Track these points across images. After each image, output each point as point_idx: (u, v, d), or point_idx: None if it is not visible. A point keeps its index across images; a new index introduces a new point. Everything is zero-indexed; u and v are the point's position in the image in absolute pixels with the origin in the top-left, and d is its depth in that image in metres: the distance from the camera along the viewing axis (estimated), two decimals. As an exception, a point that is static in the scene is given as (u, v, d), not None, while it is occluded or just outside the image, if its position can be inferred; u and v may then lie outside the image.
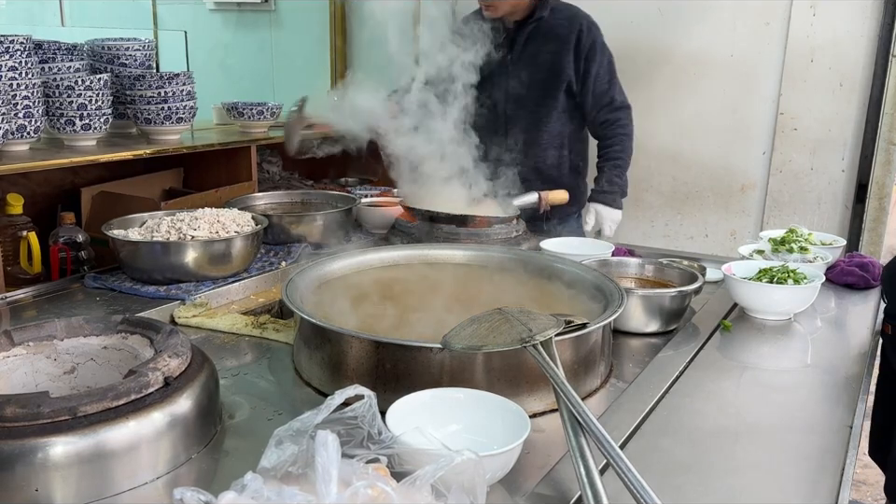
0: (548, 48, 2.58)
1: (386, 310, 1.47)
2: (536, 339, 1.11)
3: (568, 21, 2.58)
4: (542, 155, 2.66)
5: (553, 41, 2.57)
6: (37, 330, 1.17)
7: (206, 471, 1.03)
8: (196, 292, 1.72)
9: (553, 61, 2.58)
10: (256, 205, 2.30)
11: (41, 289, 1.78)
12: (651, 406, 1.22)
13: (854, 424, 1.18)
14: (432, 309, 1.45)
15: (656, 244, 2.98)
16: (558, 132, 2.66)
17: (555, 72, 2.58)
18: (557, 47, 2.57)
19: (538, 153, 2.65)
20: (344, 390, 0.89)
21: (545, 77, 2.60)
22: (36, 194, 2.10)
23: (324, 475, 0.74)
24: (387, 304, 1.50)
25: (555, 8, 2.59)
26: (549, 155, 2.67)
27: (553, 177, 2.67)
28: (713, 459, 1.07)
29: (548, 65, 2.58)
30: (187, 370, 1.08)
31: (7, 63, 1.90)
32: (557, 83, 2.59)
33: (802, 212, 3.09)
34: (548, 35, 2.57)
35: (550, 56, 2.58)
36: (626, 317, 1.56)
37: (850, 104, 2.94)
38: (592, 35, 2.57)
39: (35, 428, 0.91)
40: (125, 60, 2.36)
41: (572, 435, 0.95)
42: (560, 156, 2.69)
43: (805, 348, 1.56)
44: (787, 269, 1.66)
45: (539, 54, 2.59)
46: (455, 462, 0.80)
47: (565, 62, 2.57)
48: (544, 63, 2.59)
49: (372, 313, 1.45)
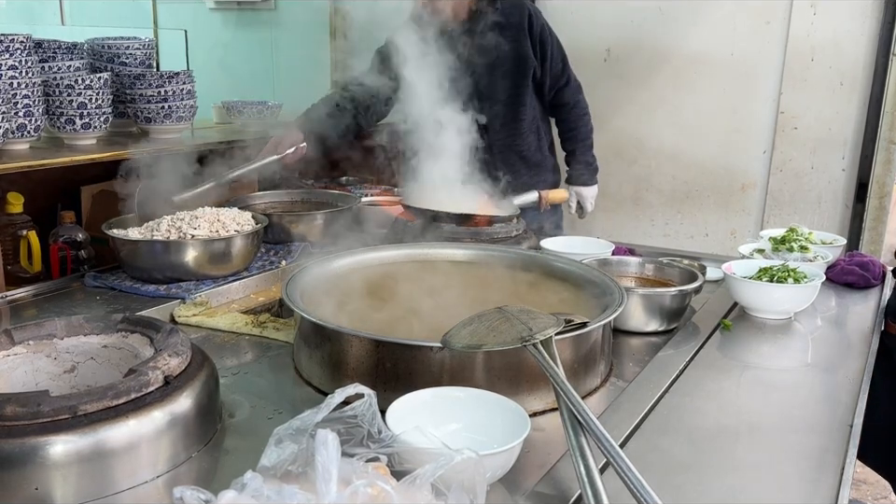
0: (506, 36, 2.58)
1: (386, 309, 1.47)
2: (536, 338, 1.11)
3: (516, 8, 2.59)
4: (524, 143, 2.70)
5: (509, 29, 2.57)
6: (37, 329, 1.17)
7: (206, 470, 1.03)
8: (196, 291, 1.72)
9: (515, 48, 2.59)
10: (256, 204, 2.31)
11: (41, 288, 1.78)
12: (651, 405, 1.21)
13: (854, 423, 1.18)
14: (432, 308, 1.45)
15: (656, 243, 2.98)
16: (533, 116, 2.70)
17: (520, 59, 2.60)
18: (515, 34, 2.58)
19: (520, 142, 2.69)
20: (344, 389, 0.89)
21: (511, 66, 2.61)
22: (36, 193, 2.09)
23: (324, 474, 0.74)
24: (387, 303, 1.50)
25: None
26: (530, 141, 2.71)
27: (537, 161, 2.74)
28: (713, 458, 1.07)
29: (512, 54, 2.59)
30: (187, 368, 1.08)
31: (8, 62, 1.90)
32: (524, 70, 2.61)
33: (802, 211, 3.08)
34: (501, 25, 2.57)
35: (512, 44, 2.58)
36: (626, 316, 1.56)
37: (851, 103, 2.94)
38: (540, 19, 2.62)
39: (35, 427, 0.91)
40: (125, 59, 2.36)
41: (572, 434, 0.95)
42: (539, 139, 2.74)
43: (805, 347, 1.56)
44: (787, 268, 1.66)
45: (500, 45, 2.58)
46: (455, 461, 0.80)
47: (525, 47, 2.59)
48: (507, 52, 2.59)
49: (372, 311, 1.45)
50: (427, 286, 1.60)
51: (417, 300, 1.50)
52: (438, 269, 1.71)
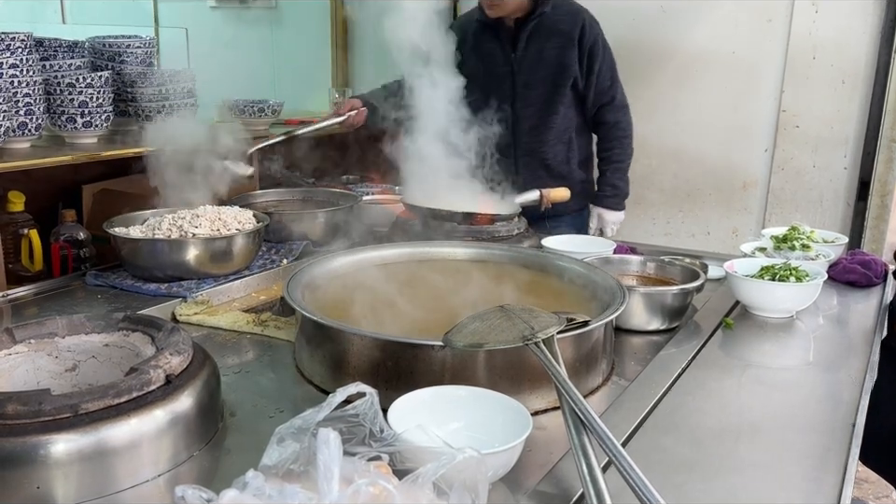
0: (552, 43, 2.57)
1: (388, 307, 1.46)
2: (538, 336, 1.11)
3: (571, 16, 2.58)
4: (551, 151, 2.67)
5: (557, 36, 2.57)
6: (39, 328, 1.17)
7: (208, 469, 1.03)
8: (197, 290, 1.72)
9: (558, 56, 2.57)
10: (257, 203, 2.30)
11: (42, 287, 1.78)
12: (653, 404, 1.21)
13: (857, 422, 1.17)
14: (434, 306, 1.44)
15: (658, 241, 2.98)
16: (565, 127, 2.66)
17: (562, 68, 2.58)
18: (562, 42, 2.56)
19: (545, 149, 2.66)
20: (346, 388, 0.89)
21: (551, 73, 2.59)
22: (38, 192, 2.09)
23: (326, 473, 0.74)
24: (389, 302, 1.49)
25: (556, 4, 2.59)
26: (557, 151, 2.68)
27: (562, 173, 2.69)
28: (715, 457, 1.07)
29: (554, 61, 2.58)
30: (188, 367, 1.08)
31: (9, 61, 1.90)
32: (564, 79, 2.59)
33: (804, 209, 3.08)
34: (551, 31, 2.57)
35: (555, 52, 2.57)
36: (628, 315, 1.56)
37: (852, 101, 2.93)
38: (594, 32, 2.58)
39: (36, 426, 0.91)
40: (126, 57, 2.36)
41: (574, 433, 0.95)
42: (568, 151, 2.70)
43: (807, 346, 1.55)
44: (789, 266, 1.65)
45: (544, 50, 2.58)
46: (458, 460, 0.80)
47: (570, 57, 2.56)
48: (550, 59, 2.58)
49: (374, 310, 1.45)
50: (428, 284, 1.60)
51: (418, 298, 1.50)
52: (439, 267, 1.71)
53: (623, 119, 2.66)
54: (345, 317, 1.35)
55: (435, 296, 1.51)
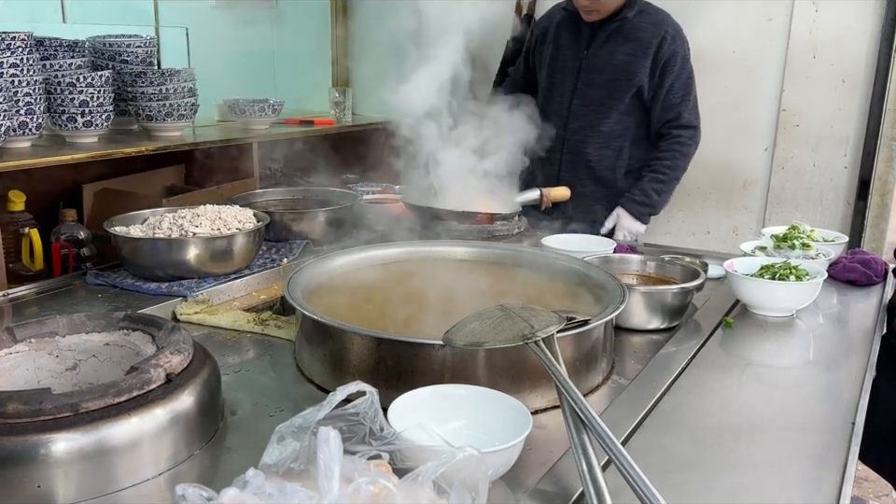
0: (626, 48, 2.52)
1: (388, 306, 1.47)
2: (538, 335, 1.11)
3: (654, 25, 2.52)
4: (596, 154, 2.61)
5: (633, 42, 2.51)
6: (39, 327, 1.17)
7: (208, 468, 1.03)
8: (198, 289, 1.72)
9: (628, 62, 2.52)
10: (257, 202, 2.30)
11: (43, 286, 1.78)
12: (653, 403, 1.21)
13: (856, 420, 1.17)
14: (434, 305, 1.45)
15: (657, 240, 2.97)
16: (618, 133, 2.60)
17: (628, 74, 2.53)
18: (636, 49, 2.51)
19: (591, 151, 2.61)
20: (346, 386, 0.89)
21: (616, 76, 2.54)
22: (38, 191, 2.10)
23: (326, 471, 0.74)
24: (389, 301, 1.50)
25: (643, 11, 2.54)
26: (603, 155, 2.61)
27: (605, 179, 2.63)
28: (715, 456, 1.07)
29: (622, 66, 2.53)
30: (188, 366, 1.08)
31: (9, 60, 1.91)
32: (627, 85, 2.53)
33: (804, 209, 3.08)
34: (629, 37, 2.52)
35: (626, 57, 2.52)
36: (628, 314, 1.56)
37: (853, 100, 2.93)
38: (675, 46, 2.51)
39: (37, 425, 0.91)
40: (126, 56, 2.36)
41: (574, 431, 0.95)
42: (616, 158, 2.62)
43: (807, 345, 1.55)
44: (789, 265, 1.65)
45: (616, 53, 2.53)
46: (458, 458, 0.80)
47: (640, 65, 2.51)
48: (619, 63, 2.53)
49: (374, 309, 1.45)
50: (428, 283, 1.60)
51: (418, 297, 1.51)
52: (439, 266, 1.71)
53: (685, 136, 2.58)
54: (346, 316, 1.35)
55: (435, 295, 1.51)
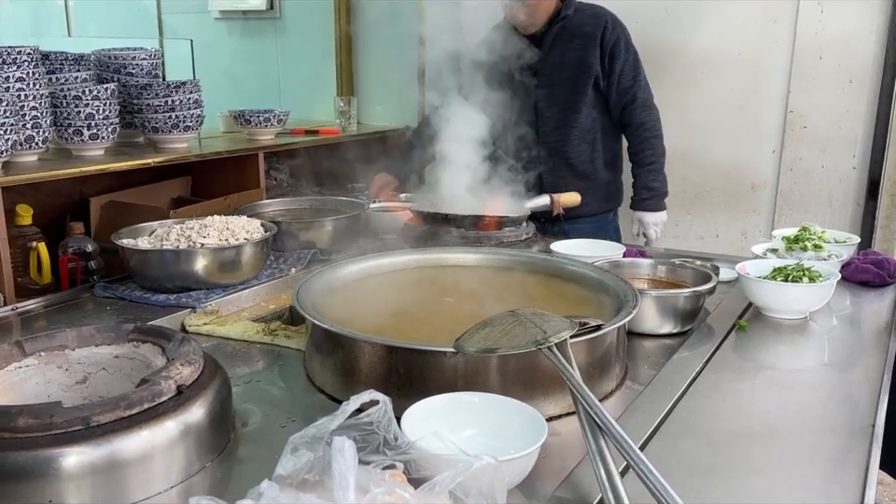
0: (575, 45, 2.61)
1: (398, 314, 1.46)
2: (550, 340, 1.10)
3: (594, 18, 2.62)
4: (574, 151, 2.69)
5: (580, 38, 2.61)
6: (49, 340, 1.17)
7: (221, 480, 1.02)
8: (206, 300, 1.71)
9: (580, 57, 2.61)
10: (264, 212, 2.30)
11: (51, 300, 1.78)
12: (669, 408, 1.20)
13: (876, 422, 1.16)
14: (444, 312, 1.44)
15: (666, 244, 2.95)
16: (589, 127, 2.68)
17: (583, 68, 2.61)
18: (584, 43, 2.60)
19: (569, 149, 2.68)
20: (359, 395, 0.88)
21: (573, 73, 2.63)
22: (45, 204, 2.10)
23: (341, 482, 0.73)
24: (399, 308, 1.49)
25: (579, 8, 2.64)
26: (581, 151, 2.69)
27: (586, 172, 2.71)
28: (734, 460, 1.06)
29: (576, 62, 2.62)
30: (199, 378, 1.07)
31: (15, 74, 1.91)
32: (585, 79, 2.62)
33: (813, 210, 3.06)
34: (575, 33, 2.62)
35: (577, 53, 2.61)
36: (640, 319, 1.54)
37: (860, 100, 2.91)
38: (616, 32, 2.61)
39: (48, 439, 0.90)
40: (132, 69, 2.36)
41: (591, 437, 0.94)
42: (593, 151, 2.71)
43: (821, 347, 1.54)
44: (802, 267, 1.64)
45: (567, 51, 2.62)
46: (475, 467, 0.79)
47: (591, 57, 2.60)
48: (572, 60, 2.62)
49: (384, 317, 1.44)
50: (437, 290, 1.59)
51: (428, 304, 1.50)
52: (448, 273, 1.71)
53: (648, 119, 2.66)
54: (356, 325, 1.34)
55: (445, 302, 1.50)
